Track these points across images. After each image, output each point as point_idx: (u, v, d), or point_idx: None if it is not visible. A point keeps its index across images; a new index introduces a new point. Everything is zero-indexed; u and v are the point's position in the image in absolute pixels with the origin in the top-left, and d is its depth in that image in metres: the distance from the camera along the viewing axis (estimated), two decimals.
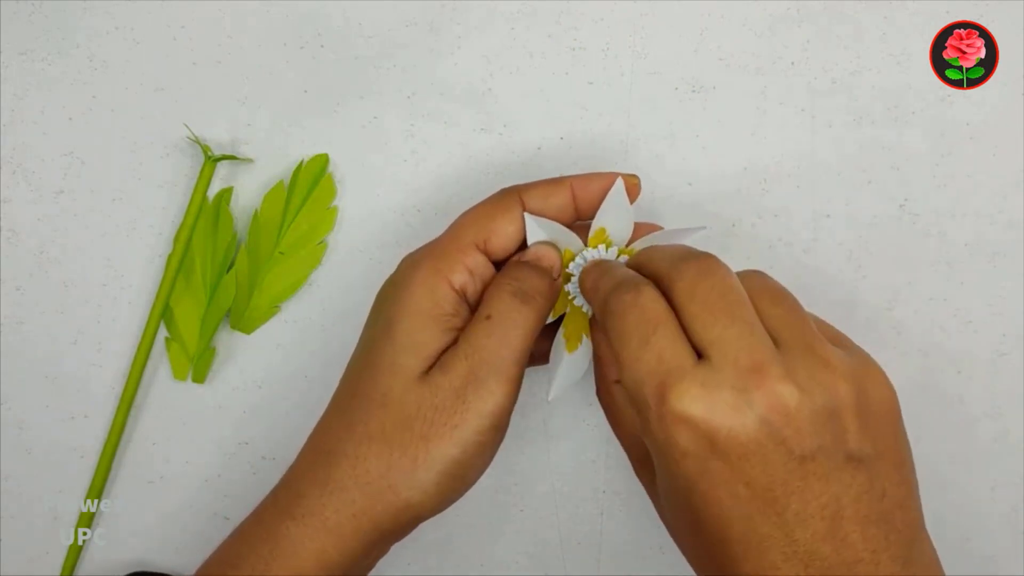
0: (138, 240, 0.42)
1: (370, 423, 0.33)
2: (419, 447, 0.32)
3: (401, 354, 0.33)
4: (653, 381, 0.29)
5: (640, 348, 0.29)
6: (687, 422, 0.28)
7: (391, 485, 0.32)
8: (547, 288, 0.34)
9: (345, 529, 0.33)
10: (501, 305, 0.33)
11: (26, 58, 0.43)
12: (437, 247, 0.35)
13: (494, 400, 0.33)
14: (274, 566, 0.33)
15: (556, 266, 0.35)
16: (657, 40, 0.43)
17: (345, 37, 0.43)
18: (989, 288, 0.41)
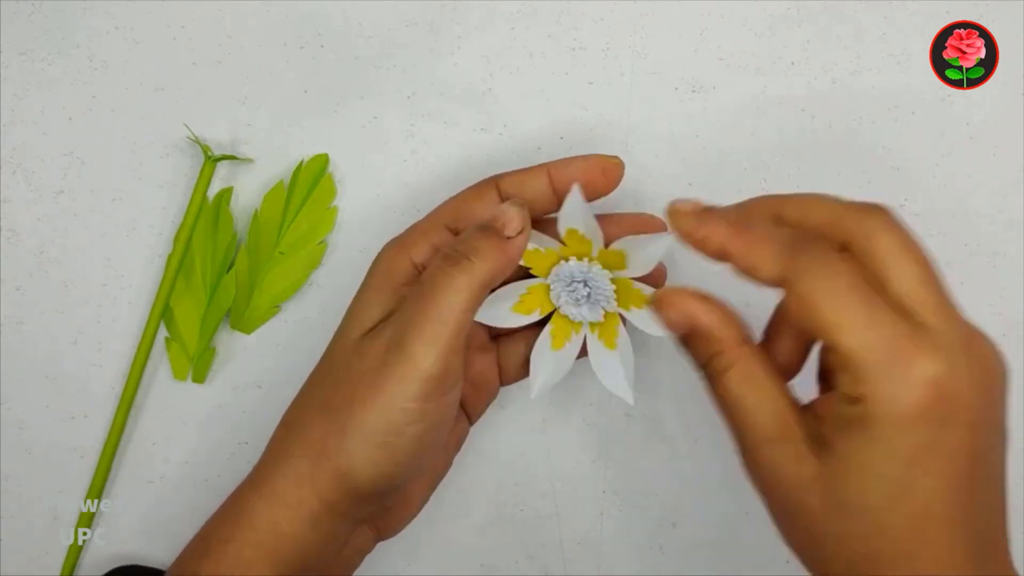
0: (138, 240, 0.42)
1: (314, 392, 0.34)
2: (347, 412, 0.32)
3: (348, 323, 0.34)
4: (895, 346, 0.28)
5: (869, 312, 0.28)
6: (934, 389, 0.27)
7: (325, 449, 0.32)
8: (487, 246, 0.32)
9: (291, 497, 0.33)
10: (433, 267, 0.32)
11: (26, 58, 0.43)
12: (409, 230, 0.36)
13: (414, 364, 0.31)
14: (235, 536, 0.33)
15: (512, 224, 0.32)
16: (657, 40, 0.43)
17: (345, 37, 0.43)
18: (989, 288, 0.41)
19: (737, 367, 0.31)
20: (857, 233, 0.29)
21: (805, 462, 0.29)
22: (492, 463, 0.42)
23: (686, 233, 0.31)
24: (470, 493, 0.42)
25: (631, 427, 0.41)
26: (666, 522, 0.41)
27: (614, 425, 0.41)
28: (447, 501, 0.41)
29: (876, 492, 0.28)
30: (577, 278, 0.36)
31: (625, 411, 0.41)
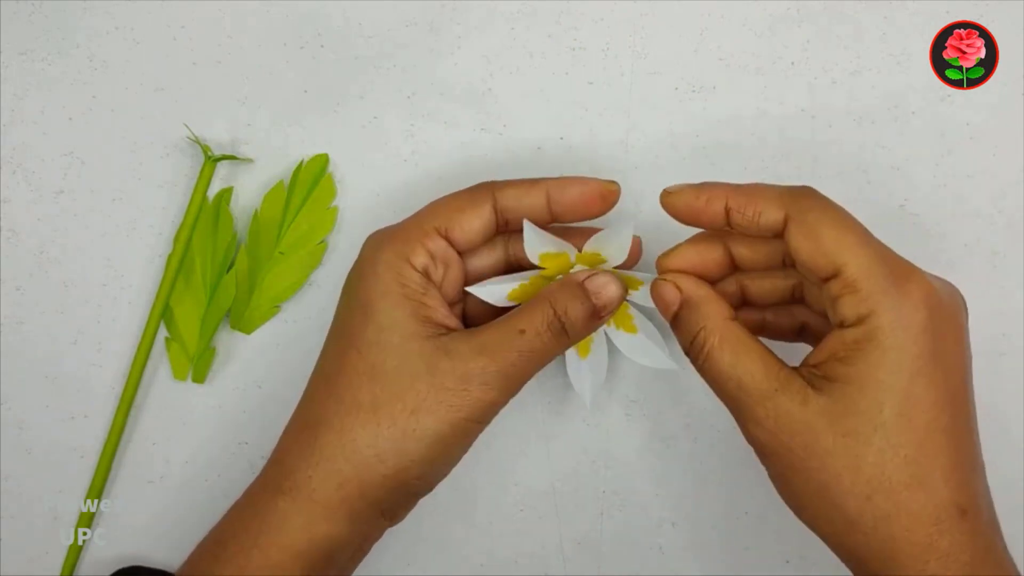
0: (138, 240, 0.42)
1: (359, 395, 0.34)
2: (410, 419, 0.33)
3: (386, 332, 0.34)
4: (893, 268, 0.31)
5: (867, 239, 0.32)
6: (930, 302, 0.31)
7: (378, 454, 0.33)
8: (585, 327, 0.35)
9: (332, 500, 0.33)
10: (538, 328, 0.34)
11: (26, 58, 0.43)
12: (401, 230, 0.36)
13: (495, 400, 0.34)
14: (263, 541, 0.33)
15: (611, 305, 0.35)
16: (657, 40, 0.43)
17: (345, 37, 0.43)
18: (989, 288, 0.41)
19: (727, 335, 0.33)
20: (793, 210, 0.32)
21: (811, 402, 0.31)
22: (492, 463, 0.42)
23: (688, 203, 0.34)
24: (470, 493, 0.42)
25: (631, 427, 0.41)
26: (666, 522, 0.41)
27: (614, 425, 0.41)
28: (447, 501, 0.41)
29: (887, 407, 0.30)
30: None
31: (625, 411, 0.41)
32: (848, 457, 0.31)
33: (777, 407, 0.32)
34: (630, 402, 0.41)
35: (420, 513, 0.41)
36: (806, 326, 0.37)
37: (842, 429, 0.31)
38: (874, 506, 0.30)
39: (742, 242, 0.35)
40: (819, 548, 0.41)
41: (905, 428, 0.30)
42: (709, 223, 0.34)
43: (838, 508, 0.31)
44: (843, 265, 0.31)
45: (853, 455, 0.31)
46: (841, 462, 0.31)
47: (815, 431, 0.31)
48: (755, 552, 0.41)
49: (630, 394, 0.41)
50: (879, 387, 0.30)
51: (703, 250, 0.35)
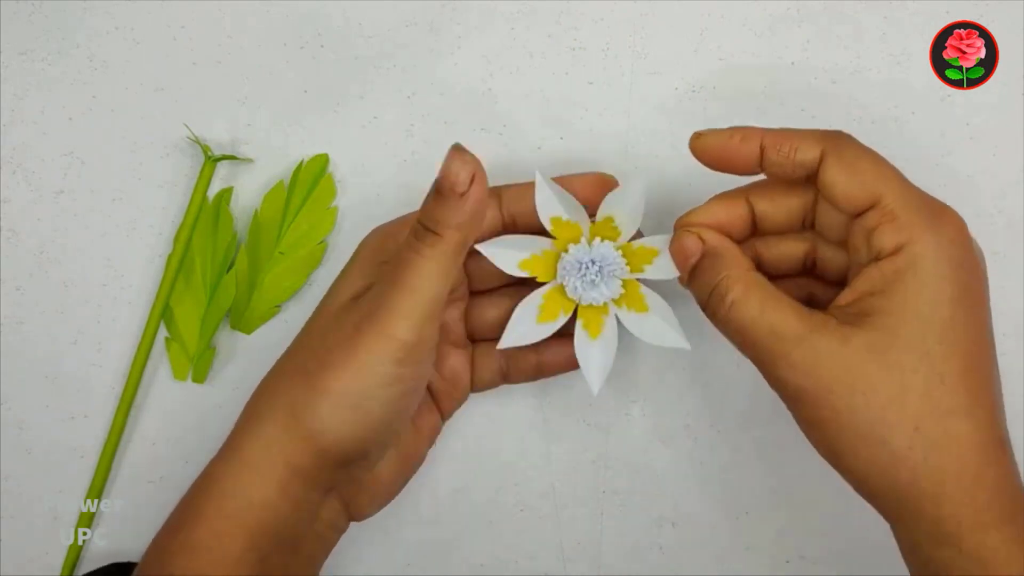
0: (138, 240, 0.42)
1: (289, 360, 0.34)
2: (319, 376, 0.33)
3: (329, 297, 0.35)
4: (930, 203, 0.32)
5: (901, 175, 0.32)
6: (963, 239, 0.32)
7: (295, 414, 0.33)
8: (448, 215, 0.32)
9: (260, 463, 0.33)
10: (404, 244, 0.33)
11: (26, 58, 0.43)
12: (400, 218, 0.37)
13: (391, 336, 0.32)
14: (207, 508, 0.33)
15: (458, 180, 0.32)
16: (657, 40, 0.43)
17: (345, 37, 0.43)
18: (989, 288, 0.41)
19: (752, 283, 0.33)
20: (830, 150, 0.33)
21: (851, 339, 0.31)
22: (492, 463, 0.42)
23: (722, 143, 0.34)
24: (470, 493, 0.42)
25: (631, 427, 0.41)
26: (666, 522, 0.41)
27: (614, 425, 0.41)
28: (447, 501, 0.41)
29: (931, 336, 0.30)
30: (583, 261, 0.36)
31: (625, 411, 0.41)
32: (894, 389, 0.30)
33: (816, 348, 0.31)
34: (630, 402, 0.41)
35: (419, 513, 0.41)
36: (813, 297, 0.37)
37: (886, 362, 0.30)
38: (922, 436, 0.30)
39: (764, 197, 0.35)
40: (819, 548, 0.41)
41: (949, 356, 0.30)
42: (742, 164, 0.34)
43: (884, 444, 0.30)
44: (882, 195, 0.31)
45: (899, 386, 0.30)
46: (887, 395, 0.30)
47: (857, 367, 0.30)
48: (755, 552, 0.41)
49: (630, 394, 0.41)
50: (921, 316, 0.30)
51: (727, 206, 0.35)
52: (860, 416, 0.30)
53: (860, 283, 0.32)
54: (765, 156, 0.33)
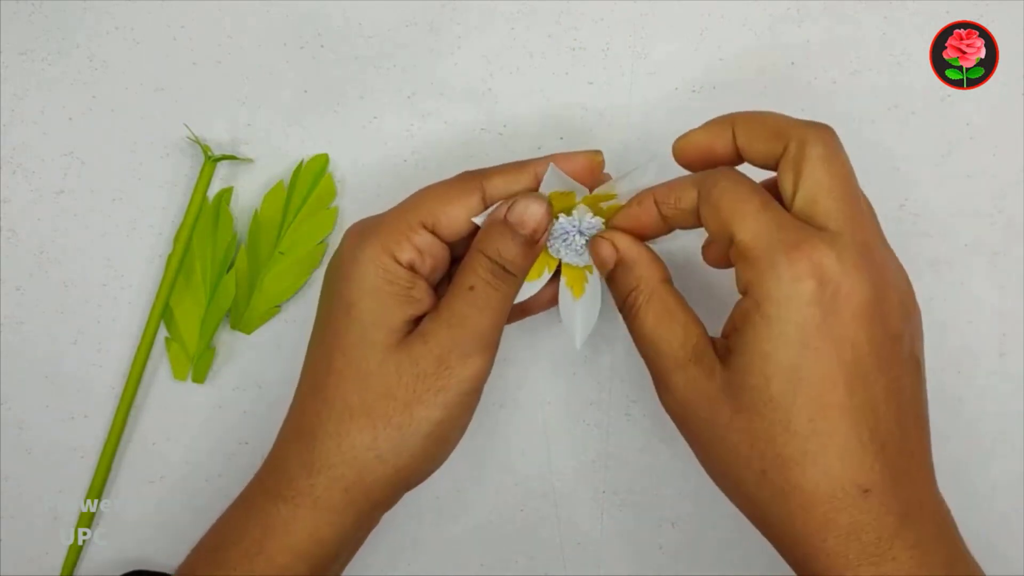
0: (138, 240, 0.42)
1: (349, 399, 0.33)
2: (403, 415, 0.33)
3: (370, 330, 0.34)
4: (785, 237, 0.30)
5: (763, 208, 0.31)
6: (819, 273, 0.29)
7: (379, 456, 0.33)
8: (524, 259, 0.34)
9: (337, 505, 0.33)
10: (483, 278, 0.34)
11: (26, 58, 0.43)
12: (383, 223, 0.35)
13: (476, 366, 0.34)
14: (268, 546, 0.33)
15: (540, 227, 0.34)
16: (657, 40, 0.43)
17: (345, 37, 0.43)
18: (989, 288, 0.41)
19: (654, 299, 0.33)
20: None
21: (716, 375, 0.31)
22: (492, 463, 0.42)
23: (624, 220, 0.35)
24: (470, 493, 0.42)
25: (631, 427, 0.41)
26: (666, 522, 0.41)
27: (614, 425, 0.41)
28: (447, 501, 0.41)
29: (776, 380, 0.30)
30: (569, 230, 0.36)
31: (625, 411, 0.41)
32: (743, 432, 0.30)
33: (688, 377, 0.32)
34: (630, 402, 0.41)
35: (420, 513, 0.41)
36: None
37: (738, 404, 0.30)
38: (769, 481, 0.30)
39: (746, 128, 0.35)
40: None
41: (793, 403, 0.30)
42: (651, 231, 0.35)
43: (739, 483, 0.31)
44: (733, 232, 0.31)
45: (747, 430, 0.30)
46: (737, 437, 0.30)
47: (717, 405, 0.31)
48: (755, 552, 0.41)
49: (630, 394, 0.41)
50: (766, 359, 0.30)
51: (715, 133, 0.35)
52: (717, 452, 0.31)
53: (730, 317, 0.32)
54: (661, 214, 0.34)
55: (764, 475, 0.30)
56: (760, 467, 0.30)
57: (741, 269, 0.31)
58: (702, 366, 0.32)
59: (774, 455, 0.30)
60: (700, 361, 0.32)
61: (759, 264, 0.30)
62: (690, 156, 0.35)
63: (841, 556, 0.29)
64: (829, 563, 0.29)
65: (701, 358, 0.32)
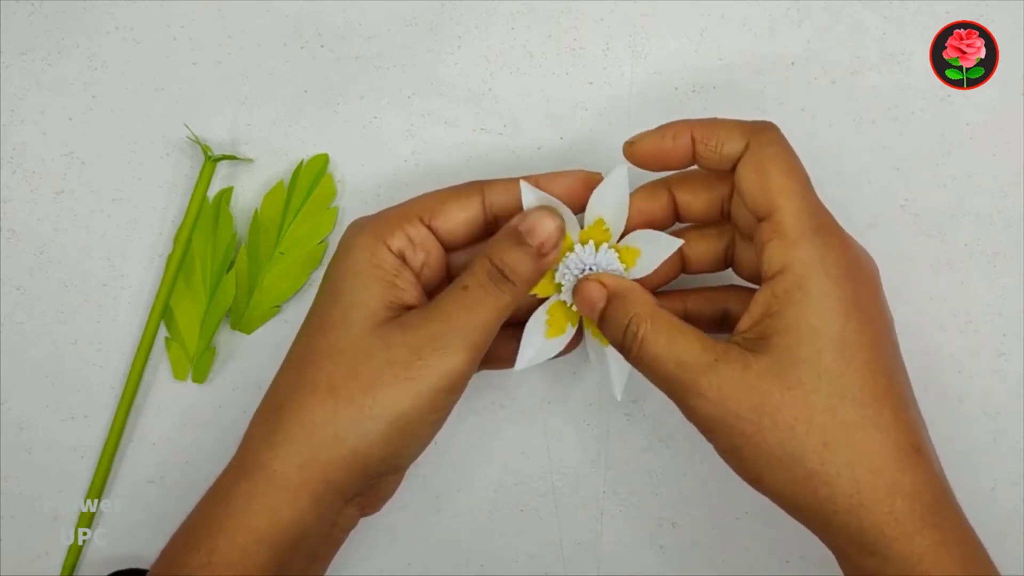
0: (138, 240, 0.42)
1: (318, 376, 0.34)
2: (366, 396, 0.33)
3: (350, 310, 0.34)
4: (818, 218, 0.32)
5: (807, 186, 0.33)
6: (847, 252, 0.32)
7: (336, 433, 0.33)
8: (529, 271, 0.34)
9: (293, 481, 0.33)
10: (479, 280, 0.34)
11: (26, 58, 0.43)
12: (382, 215, 0.36)
13: (453, 362, 0.33)
14: (227, 525, 0.33)
15: (548, 241, 0.34)
16: (657, 40, 0.43)
17: (345, 37, 0.43)
18: (989, 288, 0.41)
19: (658, 319, 0.33)
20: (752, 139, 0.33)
21: (752, 365, 0.32)
22: (492, 463, 0.42)
23: (655, 144, 0.34)
24: (470, 493, 0.42)
25: (631, 427, 0.41)
26: (666, 522, 0.41)
27: (614, 425, 0.41)
28: (447, 501, 0.41)
29: (826, 352, 0.31)
30: (588, 264, 0.36)
31: (625, 411, 0.41)
32: (798, 408, 0.31)
33: (721, 376, 0.32)
34: (630, 402, 0.41)
35: (420, 513, 0.41)
36: (727, 314, 0.37)
37: (787, 383, 0.31)
38: (832, 452, 0.31)
39: (685, 187, 0.36)
40: (819, 548, 0.41)
41: (847, 371, 0.31)
42: (677, 161, 0.34)
43: (797, 462, 0.31)
44: (777, 208, 0.32)
45: (802, 405, 0.31)
46: (792, 414, 0.31)
47: (761, 391, 0.31)
48: (755, 552, 0.41)
49: (630, 394, 0.41)
50: (815, 334, 0.31)
51: (650, 197, 0.36)
52: (770, 438, 0.31)
53: (755, 306, 0.32)
54: (695, 150, 0.34)
55: (827, 447, 0.31)
56: (821, 439, 0.31)
57: (776, 249, 0.32)
58: (731, 362, 0.32)
59: (836, 424, 0.31)
60: (727, 358, 0.32)
61: (799, 244, 0.32)
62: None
63: (908, 518, 0.30)
64: (898, 527, 0.30)
65: (727, 356, 0.32)
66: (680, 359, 0.32)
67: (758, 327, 0.32)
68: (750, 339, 0.32)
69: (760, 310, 0.32)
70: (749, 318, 0.33)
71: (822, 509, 0.31)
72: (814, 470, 0.31)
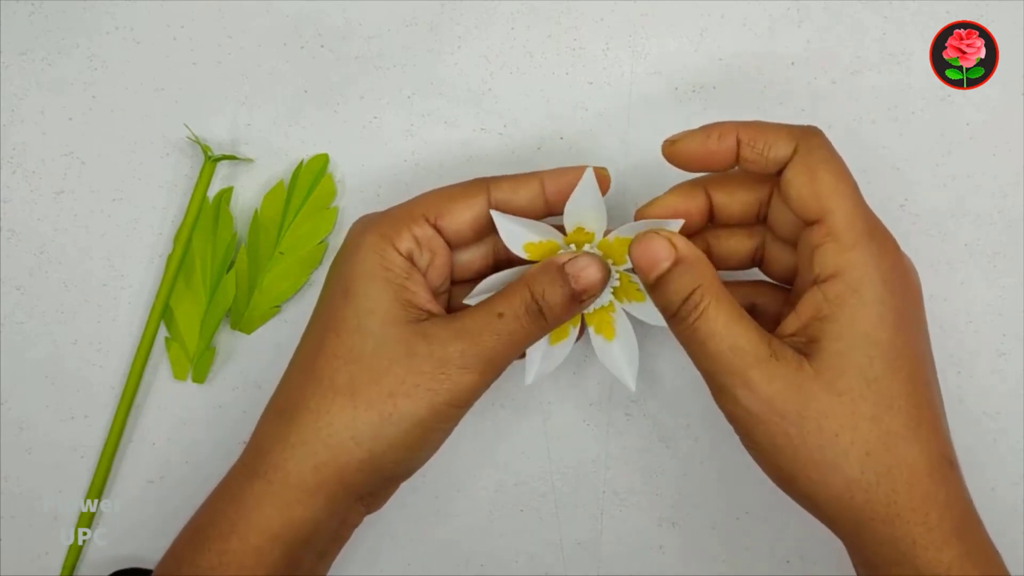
0: (138, 240, 0.42)
1: (337, 379, 0.33)
2: (387, 403, 0.33)
3: (365, 316, 0.34)
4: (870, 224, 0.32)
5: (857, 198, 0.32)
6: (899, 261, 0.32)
7: (354, 437, 0.33)
8: (563, 311, 0.34)
9: (308, 483, 0.33)
10: (516, 311, 0.34)
11: (26, 58, 0.43)
12: (388, 214, 0.36)
13: (476, 382, 0.33)
14: (240, 525, 0.33)
15: (591, 290, 0.34)
16: (657, 40, 0.43)
17: (345, 37, 0.43)
18: (989, 288, 0.41)
19: (723, 298, 0.32)
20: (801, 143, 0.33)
21: (803, 367, 0.31)
22: (492, 463, 0.42)
23: (700, 145, 0.34)
24: (470, 493, 0.42)
25: (631, 427, 0.41)
26: (666, 522, 0.41)
27: (614, 425, 0.41)
28: (447, 500, 0.41)
29: (877, 361, 0.31)
30: None
31: (625, 411, 0.42)
32: (845, 416, 0.31)
33: (772, 372, 0.31)
34: (630, 402, 0.41)
35: (420, 513, 0.41)
36: (754, 308, 0.37)
37: (836, 389, 0.31)
38: (874, 461, 0.31)
39: (723, 189, 0.36)
40: (819, 548, 0.41)
41: (894, 380, 0.31)
42: (720, 163, 0.34)
43: (837, 469, 0.31)
44: (830, 212, 0.32)
45: (850, 413, 0.31)
46: (839, 421, 0.31)
47: (810, 394, 0.31)
48: (755, 552, 0.41)
49: (630, 394, 0.41)
50: (867, 340, 0.31)
51: (686, 197, 0.35)
52: (813, 442, 0.31)
53: (804, 308, 0.32)
54: (740, 152, 0.33)
55: (869, 456, 0.31)
56: (864, 449, 0.31)
57: (830, 252, 0.31)
58: (785, 360, 0.31)
59: (880, 433, 0.31)
60: (782, 355, 0.31)
61: (855, 249, 0.31)
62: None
63: (939, 529, 0.30)
64: (929, 537, 0.30)
65: (783, 353, 0.31)
66: (736, 344, 0.31)
67: (808, 330, 0.32)
68: (800, 341, 0.32)
69: (810, 312, 0.32)
70: (797, 320, 0.32)
71: (856, 516, 0.31)
72: (853, 477, 0.31)
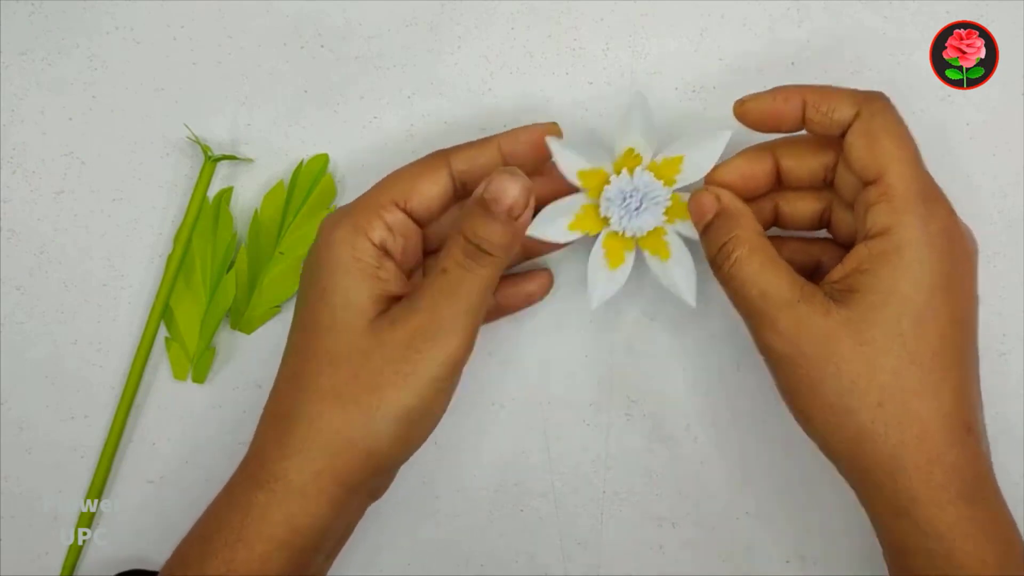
0: (138, 240, 0.42)
1: (321, 382, 0.34)
2: (372, 397, 0.33)
3: (340, 313, 0.34)
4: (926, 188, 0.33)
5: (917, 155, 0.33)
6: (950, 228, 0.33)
7: (348, 438, 0.33)
8: (504, 239, 0.33)
9: (309, 489, 0.33)
10: (457, 259, 0.34)
11: (26, 58, 0.43)
12: (356, 205, 0.35)
13: (447, 351, 0.33)
14: (246, 534, 0.33)
15: (517, 204, 0.33)
16: (657, 40, 0.43)
17: (345, 37, 0.43)
18: (989, 288, 0.41)
19: (757, 246, 0.34)
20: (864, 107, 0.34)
21: (832, 313, 0.32)
22: (492, 463, 0.42)
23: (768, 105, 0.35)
24: (470, 493, 0.42)
25: (631, 427, 0.41)
26: (666, 522, 0.41)
27: (614, 425, 0.42)
28: (447, 501, 0.41)
29: (906, 317, 0.32)
30: (626, 191, 0.36)
31: (625, 411, 0.42)
32: (865, 364, 0.32)
33: (799, 315, 0.32)
34: (630, 402, 0.41)
35: (420, 514, 0.41)
36: (820, 266, 0.38)
37: (861, 338, 0.32)
38: (885, 412, 0.31)
39: (790, 153, 0.37)
40: (819, 548, 0.41)
41: (921, 340, 0.32)
42: (787, 124, 0.35)
43: (851, 414, 0.32)
44: (886, 172, 0.32)
45: (870, 362, 0.32)
46: (857, 369, 0.32)
47: (835, 339, 0.32)
48: (755, 552, 0.41)
49: (630, 394, 0.41)
50: (900, 298, 0.32)
51: (753, 160, 0.37)
52: (830, 386, 0.32)
53: (850, 260, 0.33)
54: (806, 114, 0.35)
55: (881, 407, 0.32)
56: (878, 399, 0.32)
57: (881, 212, 0.32)
58: (814, 305, 0.32)
59: (896, 387, 0.32)
60: (811, 300, 0.33)
61: (905, 210, 0.32)
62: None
63: (944, 489, 0.31)
64: (932, 495, 0.31)
65: (812, 298, 0.33)
66: (765, 290, 0.33)
67: (848, 279, 0.33)
68: (838, 289, 0.33)
69: (853, 264, 0.33)
70: (841, 269, 0.33)
71: (863, 465, 0.32)
72: (864, 426, 0.32)
